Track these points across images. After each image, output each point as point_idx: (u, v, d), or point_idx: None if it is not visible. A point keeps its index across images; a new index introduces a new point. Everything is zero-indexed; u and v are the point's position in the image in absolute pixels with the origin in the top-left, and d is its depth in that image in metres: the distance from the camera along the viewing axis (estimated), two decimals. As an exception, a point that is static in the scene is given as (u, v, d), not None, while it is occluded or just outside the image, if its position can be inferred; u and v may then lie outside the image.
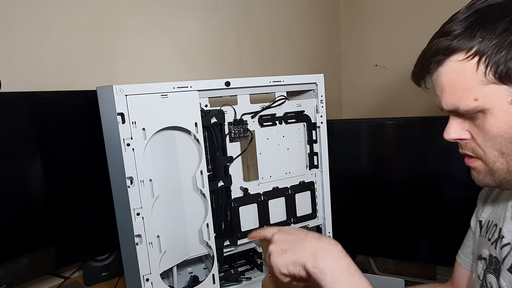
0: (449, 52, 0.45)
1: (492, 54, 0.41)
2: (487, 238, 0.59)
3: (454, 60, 0.44)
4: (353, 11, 1.63)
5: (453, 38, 0.44)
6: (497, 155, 0.46)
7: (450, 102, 0.47)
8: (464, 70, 0.44)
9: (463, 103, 0.45)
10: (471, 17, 0.44)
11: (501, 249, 0.54)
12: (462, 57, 0.44)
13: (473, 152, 0.49)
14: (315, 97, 0.92)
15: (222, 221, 0.84)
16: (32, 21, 0.89)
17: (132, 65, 1.07)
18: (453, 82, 0.45)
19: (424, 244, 1.14)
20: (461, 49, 0.43)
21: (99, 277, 0.97)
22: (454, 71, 0.45)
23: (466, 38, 0.43)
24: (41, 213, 0.80)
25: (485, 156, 0.47)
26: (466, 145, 0.50)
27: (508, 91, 0.42)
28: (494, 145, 0.46)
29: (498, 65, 0.41)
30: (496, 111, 0.44)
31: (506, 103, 0.43)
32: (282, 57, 1.46)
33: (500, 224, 0.56)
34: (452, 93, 0.46)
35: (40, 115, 0.79)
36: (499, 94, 0.43)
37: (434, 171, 1.07)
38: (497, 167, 0.47)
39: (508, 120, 0.43)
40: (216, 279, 0.81)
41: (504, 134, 0.44)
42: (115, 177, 0.72)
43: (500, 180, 0.48)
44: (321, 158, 0.94)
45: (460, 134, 0.49)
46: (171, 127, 0.75)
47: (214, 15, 1.24)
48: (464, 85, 0.44)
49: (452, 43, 0.44)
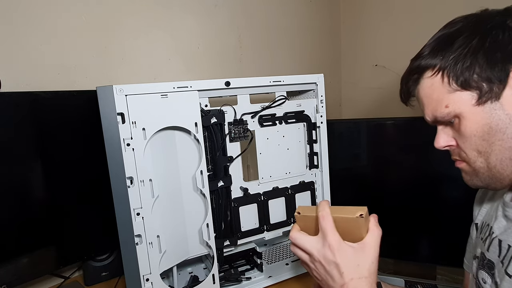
0: (420, 70, 0.54)
1: (451, 68, 0.50)
2: (480, 238, 0.62)
3: (426, 77, 0.54)
4: (353, 11, 1.63)
5: (421, 59, 0.54)
6: (475, 154, 0.52)
7: (430, 113, 0.55)
8: (434, 84, 0.52)
9: (438, 112, 0.53)
10: (434, 42, 0.54)
11: (490, 244, 0.57)
12: (430, 74, 0.53)
13: (459, 156, 0.56)
14: (315, 97, 0.92)
15: (222, 221, 0.84)
16: (32, 21, 0.89)
17: (132, 65, 1.07)
18: (428, 95, 0.54)
19: (424, 244, 1.14)
20: (428, 67, 0.53)
21: (99, 277, 0.97)
22: (428, 86, 0.54)
23: (430, 58, 0.53)
24: (41, 213, 0.80)
25: (467, 157, 0.53)
26: (454, 151, 0.56)
27: (471, 96, 0.50)
28: (471, 145, 0.52)
29: (458, 75, 0.50)
30: (466, 114, 0.51)
31: (472, 106, 0.50)
32: (282, 57, 1.46)
33: (492, 223, 0.59)
34: (430, 104, 0.54)
35: (40, 115, 0.79)
36: (465, 99, 0.50)
37: (434, 171, 1.07)
38: (479, 166, 0.53)
39: (476, 120, 0.50)
40: (216, 279, 0.81)
41: (476, 133, 0.51)
42: (115, 177, 0.72)
43: (484, 179, 0.54)
44: (321, 158, 0.94)
45: (447, 141, 0.56)
46: (171, 127, 0.75)
47: (214, 15, 1.24)
48: (436, 96, 0.53)
49: (421, 63, 0.54)
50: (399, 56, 1.52)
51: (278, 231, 0.93)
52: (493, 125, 0.49)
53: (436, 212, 1.08)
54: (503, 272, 0.52)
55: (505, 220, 0.56)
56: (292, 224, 0.94)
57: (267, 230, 0.91)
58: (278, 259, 0.99)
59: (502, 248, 0.55)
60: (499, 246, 0.55)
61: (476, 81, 0.49)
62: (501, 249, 0.55)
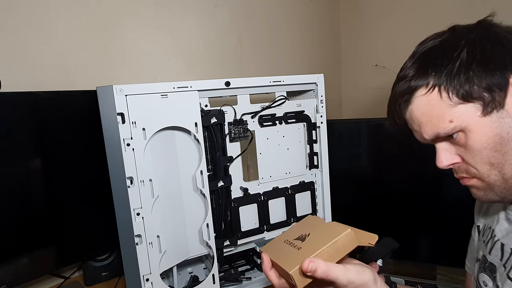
0: (411, 90, 0.51)
1: (448, 82, 0.47)
2: (483, 241, 0.61)
3: (419, 96, 0.50)
4: (353, 11, 1.63)
5: (409, 79, 0.50)
6: (488, 168, 0.49)
7: (430, 131, 0.51)
8: (432, 100, 0.49)
9: (441, 128, 0.49)
10: (418, 61, 0.51)
11: (492, 247, 0.56)
12: (424, 91, 0.50)
13: (467, 173, 0.52)
14: (315, 97, 0.92)
15: (222, 221, 0.84)
16: (32, 21, 0.89)
17: (132, 65, 1.07)
18: (426, 113, 0.50)
19: (424, 244, 1.14)
20: (420, 86, 0.50)
21: (99, 277, 0.97)
22: (423, 103, 0.50)
23: (420, 77, 0.50)
24: (41, 213, 0.80)
25: (479, 173, 0.50)
26: (460, 168, 0.53)
27: (475, 107, 0.47)
28: (482, 159, 0.49)
29: (457, 89, 0.47)
30: (473, 127, 0.48)
31: (478, 118, 0.47)
32: (282, 57, 1.46)
33: (494, 226, 0.58)
34: (429, 122, 0.50)
35: (40, 115, 0.79)
36: (469, 111, 0.47)
37: (434, 171, 1.06)
38: (493, 180, 0.49)
39: (485, 132, 0.47)
40: (216, 279, 0.81)
41: (487, 145, 0.48)
42: (115, 177, 0.72)
43: (501, 192, 0.50)
44: (321, 158, 0.94)
45: (451, 159, 0.52)
46: (171, 127, 0.75)
47: (214, 15, 1.24)
48: (436, 113, 0.49)
49: (410, 83, 0.50)
50: (399, 56, 1.51)
51: (278, 231, 0.93)
52: (504, 134, 0.47)
53: (436, 212, 1.08)
54: (505, 276, 0.52)
55: (507, 223, 0.56)
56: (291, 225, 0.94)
57: (267, 230, 0.91)
58: (278, 259, 0.99)
59: (504, 251, 0.54)
60: (502, 250, 0.54)
61: (477, 91, 0.46)
62: (503, 252, 0.54)
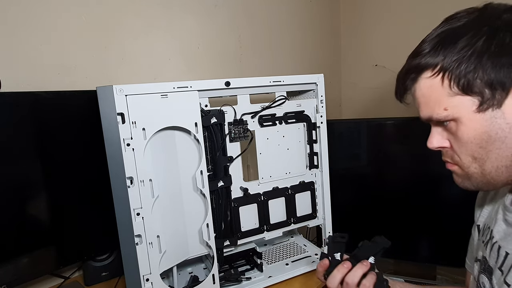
0: (419, 70, 0.51)
1: (453, 69, 0.47)
2: (482, 241, 0.61)
3: (424, 77, 0.51)
4: (353, 11, 1.63)
5: (421, 57, 0.50)
6: (470, 160, 0.51)
7: (426, 113, 0.52)
8: (433, 85, 0.50)
9: (435, 113, 0.51)
10: (435, 39, 0.50)
11: (491, 249, 0.56)
12: (430, 74, 0.50)
13: (451, 159, 0.54)
14: (315, 97, 0.92)
15: (222, 221, 0.84)
16: (32, 21, 0.89)
17: (132, 65, 1.07)
18: (426, 95, 0.51)
19: (424, 244, 1.14)
20: (428, 66, 0.50)
21: (99, 277, 0.97)
22: (426, 86, 0.51)
23: (431, 57, 0.49)
24: (41, 213, 0.80)
25: (461, 161, 0.52)
26: (447, 153, 0.55)
27: (472, 101, 0.47)
28: (467, 150, 0.50)
29: (460, 78, 0.47)
30: (464, 120, 0.49)
31: (472, 112, 0.48)
32: (282, 57, 1.46)
33: (492, 226, 0.58)
34: (427, 105, 0.52)
35: (40, 115, 0.79)
36: (465, 104, 0.48)
37: (434, 171, 1.07)
38: (472, 171, 0.51)
39: (475, 127, 0.48)
40: (216, 279, 0.81)
41: (473, 140, 0.49)
42: (115, 177, 0.72)
43: (477, 183, 0.53)
44: (321, 158, 0.94)
45: (441, 143, 0.54)
46: (171, 127, 0.75)
47: (214, 15, 1.24)
48: (435, 98, 0.50)
49: (420, 62, 0.50)
50: (399, 56, 1.51)
51: (278, 231, 0.93)
52: (492, 133, 0.47)
53: (436, 212, 1.08)
54: (502, 281, 0.51)
55: (505, 224, 0.55)
56: (292, 225, 0.94)
57: (267, 230, 0.91)
58: (278, 259, 0.99)
59: (499, 255, 0.54)
60: (498, 252, 0.54)
61: (479, 86, 0.46)
62: (498, 255, 0.54)
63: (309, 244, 1.06)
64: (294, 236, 1.12)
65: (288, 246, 1.06)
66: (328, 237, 0.75)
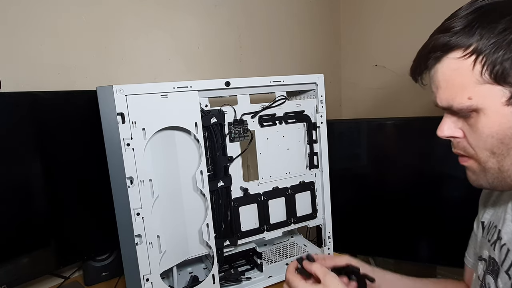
0: (447, 49, 0.44)
1: (489, 53, 0.41)
2: (487, 239, 0.59)
3: (451, 58, 0.44)
4: (353, 11, 1.63)
5: (452, 35, 0.44)
6: (488, 154, 0.46)
7: (445, 99, 0.46)
8: (461, 68, 0.43)
9: (457, 101, 0.45)
10: (471, 15, 0.43)
11: (499, 251, 0.54)
12: (459, 54, 0.43)
13: (464, 151, 0.49)
14: (315, 97, 0.92)
15: (222, 221, 0.84)
16: (32, 21, 0.89)
17: (132, 65, 1.07)
18: (449, 79, 0.45)
19: (424, 244, 1.14)
20: (459, 46, 0.43)
21: (99, 277, 0.97)
22: (451, 68, 0.44)
23: (465, 36, 0.43)
24: (41, 213, 0.80)
25: (477, 155, 0.47)
26: (459, 144, 0.50)
27: (502, 92, 0.42)
28: (485, 145, 0.46)
29: (495, 65, 0.41)
30: (489, 112, 0.43)
31: (500, 104, 0.43)
32: (282, 57, 1.46)
33: (500, 226, 0.56)
34: (447, 90, 0.46)
35: (40, 115, 0.79)
36: (494, 95, 0.43)
37: (434, 171, 1.07)
38: (489, 166, 0.47)
39: (500, 121, 0.43)
40: (216, 279, 0.81)
41: (496, 134, 0.44)
42: (115, 177, 0.72)
43: (492, 180, 0.48)
44: (321, 158, 0.94)
45: (453, 132, 0.49)
46: (171, 127, 0.75)
47: (214, 15, 1.24)
48: (459, 83, 0.44)
49: (450, 40, 0.44)
50: (399, 56, 1.52)
51: (278, 231, 0.93)
52: None
53: (436, 212, 1.08)
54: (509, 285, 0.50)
55: None
56: (292, 225, 0.94)
57: (267, 230, 0.91)
58: (278, 259, 0.99)
59: (508, 258, 0.52)
60: (506, 255, 0.52)
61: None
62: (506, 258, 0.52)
63: (309, 244, 1.06)
64: (294, 236, 1.12)
65: (288, 246, 1.06)
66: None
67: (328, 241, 0.96)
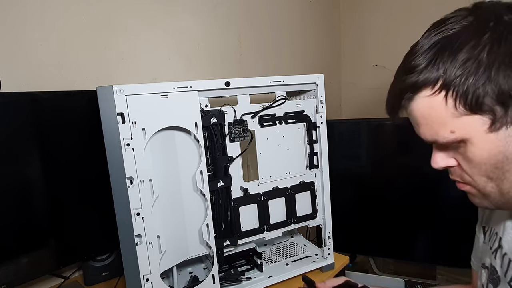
0: (416, 89, 0.44)
1: (459, 85, 0.40)
2: (489, 247, 0.59)
3: (423, 96, 0.44)
4: (353, 11, 1.63)
5: (418, 74, 0.43)
6: (485, 180, 0.45)
7: (429, 135, 0.46)
8: (435, 105, 0.43)
9: (440, 136, 0.44)
10: (430, 51, 0.43)
11: (501, 260, 0.53)
12: (429, 92, 0.43)
13: (461, 179, 0.49)
14: (315, 97, 0.92)
15: (222, 221, 0.84)
16: (32, 21, 0.89)
17: (132, 65, 1.07)
18: (427, 116, 0.45)
19: (424, 244, 1.14)
20: (427, 84, 0.43)
21: (99, 277, 0.97)
22: (425, 106, 0.44)
23: (429, 73, 0.42)
24: (41, 213, 0.80)
25: (474, 182, 0.47)
26: (455, 171, 0.49)
27: (482, 120, 0.41)
28: (480, 171, 0.45)
29: (467, 95, 0.40)
30: (476, 140, 0.43)
31: (484, 132, 0.42)
32: (282, 57, 1.46)
33: (500, 233, 0.55)
34: (428, 126, 0.45)
35: (40, 115, 0.79)
36: (474, 124, 0.42)
37: (434, 171, 1.07)
38: (489, 191, 0.46)
39: (489, 148, 0.42)
40: (216, 279, 0.81)
41: (488, 161, 0.43)
42: (115, 177, 0.72)
43: (496, 202, 0.47)
44: (321, 158, 0.94)
45: (447, 162, 0.49)
46: (171, 127, 0.74)
47: (214, 15, 1.24)
48: (438, 119, 0.44)
49: (418, 79, 0.43)
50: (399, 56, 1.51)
51: (278, 231, 0.93)
52: (508, 153, 0.42)
53: (436, 212, 1.08)
54: None
55: None
56: (292, 225, 0.94)
57: (267, 230, 0.91)
58: (278, 259, 0.99)
59: (510, 268, 0.51)
60: (508, 266, 0.51)
61: (489, 104, 0.40)
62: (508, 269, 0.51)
63: (309, 244, 1.06)
64: (294, 236, 1.12)
65: (288, 246, 1.06)
66: None
67: (328, 241, 0.96)
